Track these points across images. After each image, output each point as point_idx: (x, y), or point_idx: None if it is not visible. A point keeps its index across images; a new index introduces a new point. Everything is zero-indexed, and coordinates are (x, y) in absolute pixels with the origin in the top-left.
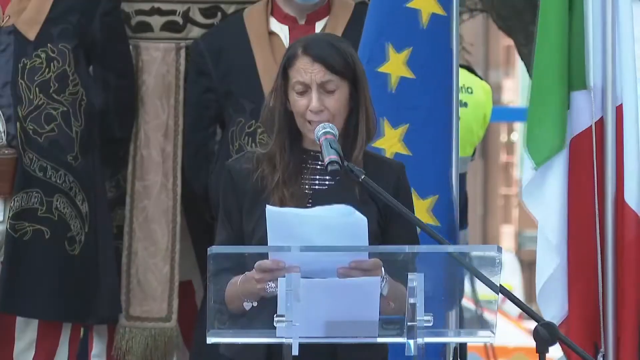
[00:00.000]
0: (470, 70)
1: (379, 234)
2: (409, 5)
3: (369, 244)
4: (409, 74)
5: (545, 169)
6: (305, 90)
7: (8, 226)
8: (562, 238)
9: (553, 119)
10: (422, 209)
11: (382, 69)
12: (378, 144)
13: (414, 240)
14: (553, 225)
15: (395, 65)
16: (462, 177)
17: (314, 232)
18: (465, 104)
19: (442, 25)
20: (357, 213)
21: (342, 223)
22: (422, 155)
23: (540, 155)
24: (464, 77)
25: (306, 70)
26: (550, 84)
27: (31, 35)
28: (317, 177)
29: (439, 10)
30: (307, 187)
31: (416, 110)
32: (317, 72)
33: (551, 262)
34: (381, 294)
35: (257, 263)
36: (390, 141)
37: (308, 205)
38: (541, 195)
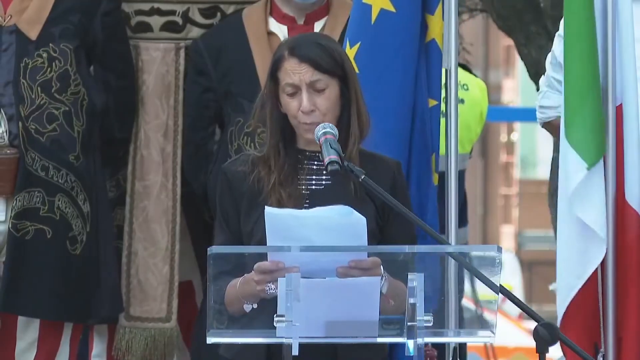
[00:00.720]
0: (465, 67)
1: (377, 232)
2: (365, 0)
3: (367, 243)
4: (354, 69)
5: (593, 169)
6: (296, 91)
7: (10, 226)
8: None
9: (597, 118)
10: None
11: None
12: None
13: (413, 239)
14: (602, 224)
15: None
16: (461, 175)
17: (313, 233)
18: (462, 101)
19: (389, 21)
20: (356, 213)
21: (341, 223)
22: None
23: (592, 155)
24: (458, 74)
25: (294, 72)
26: (587, 83)
27: (33, 35)
28: (314, 177)
29: (389, 7)
30: (304, 187)
31: None
32: (305, 73)
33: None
34: (381, 292)
35: (257, 264)
36: None
37: (305, 205)
38: (592, 197)
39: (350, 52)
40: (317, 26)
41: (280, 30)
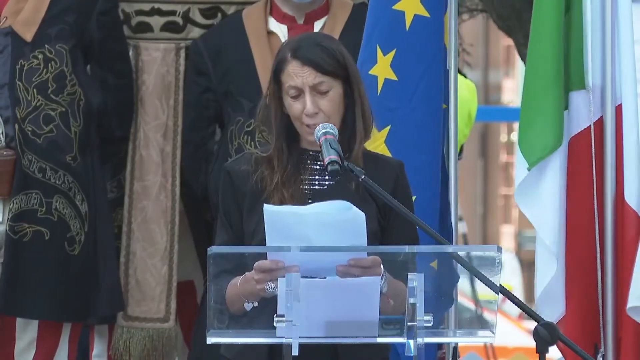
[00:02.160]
0: None
1: (378, 232)
2: (395, 7)
3: (369, 243)
4: (392, 76)
5: (540, 169)
6: (299, 94)
7: (7, 228)
8: (561, 239)
9: (547, 119)
10: None
11: (372, 71)
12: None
13: (414, 240)
14: (549, 227)
15: (382, 68)
16: None
17: (312, 230)
18: None
19: (424, 26)
20: (355, 208)
21: (340, 219)
22: (401, 157)
23: (533, 156)
24: None
25: (297, 74)
26: (544, 83)
27: (28, 36)
28: (317, 177)
29: (423, 12)
30: (306, 187)
31: (395, 112)
32: (308, 75)
33: (551, 265)
34: (380, 292)
35: (256, 263)
36: (376, 143)
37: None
38: (536, 196)
39: (385, 59)
40: (317, 26)
41: (280, 30)
